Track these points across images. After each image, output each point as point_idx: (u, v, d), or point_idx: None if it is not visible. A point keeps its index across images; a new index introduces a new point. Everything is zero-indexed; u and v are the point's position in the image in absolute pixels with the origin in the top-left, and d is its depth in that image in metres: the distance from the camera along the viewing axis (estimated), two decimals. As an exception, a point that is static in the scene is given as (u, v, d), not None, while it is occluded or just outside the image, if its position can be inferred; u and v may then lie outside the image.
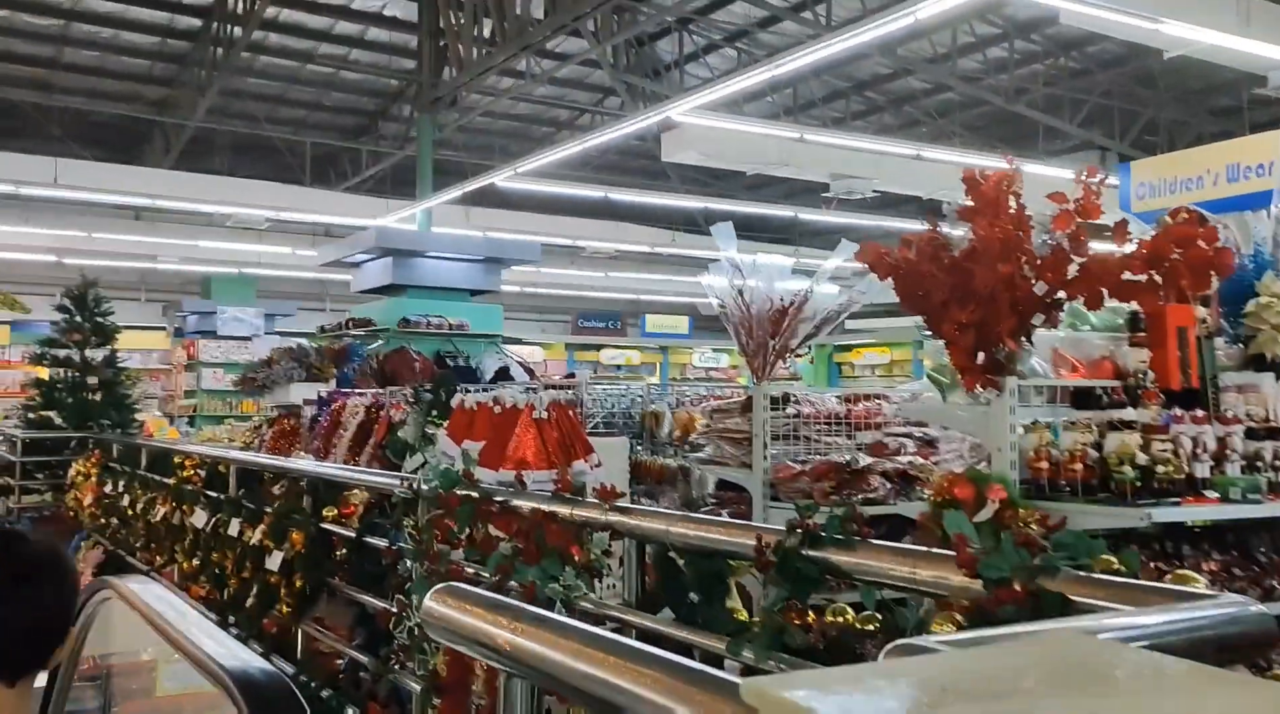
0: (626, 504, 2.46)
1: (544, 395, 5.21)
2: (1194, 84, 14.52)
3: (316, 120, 17.64)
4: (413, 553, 3.13)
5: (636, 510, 2.38)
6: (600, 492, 2.45)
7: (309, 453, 8.40)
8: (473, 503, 3.05)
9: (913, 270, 2.87)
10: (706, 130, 10.19)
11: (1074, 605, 1.34)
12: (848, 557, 1.79)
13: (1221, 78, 14.27)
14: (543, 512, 2.65)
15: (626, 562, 2.39)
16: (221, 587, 5.02)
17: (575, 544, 2.56)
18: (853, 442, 4.53)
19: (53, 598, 1.63)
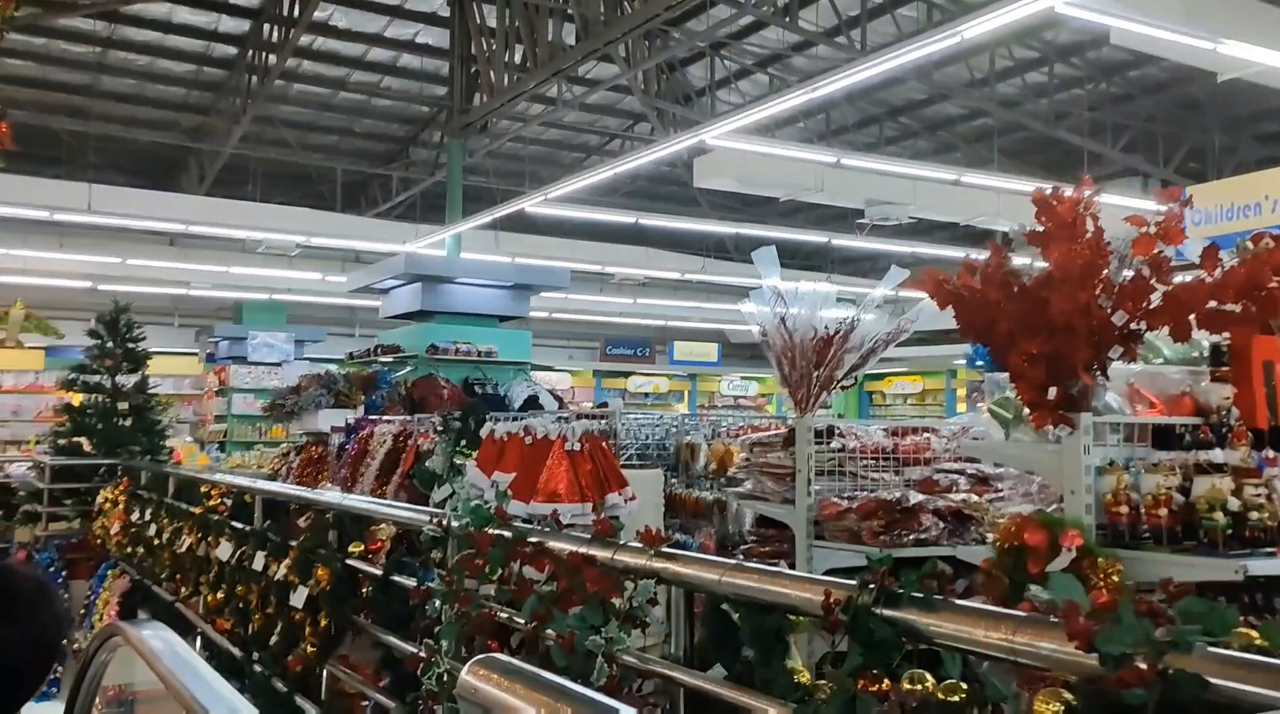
0: (672, 549, 2.28)
1: (576, 426, 5.03)
2: (1240, 110, 14.24)
3: (348, 147, 17.71)
4: (442, 593, 2.96)
5: (685, 557, 2.20)
6: (645, 535, 2.27)
7: (335, 481, 8.29)
8: (505, 544, 2.88)
9: (978, 298, 2.68)
10: (740, 155, 10.06)
11: (1214, 689, 1.15)
12: (931, 619, 1.60)
13: (1268, 103, 13.99)
14: (581, 555, 2.48)
15: (674, 612, 2.21)
16: (245, 621, 4.87)
17: (616, 590, 2.38)
18: (900, 478, 4.32)
19: (19, 638, 1.47)
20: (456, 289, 11.14)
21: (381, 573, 3.54)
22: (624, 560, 2.34)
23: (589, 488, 4.94)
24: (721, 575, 2.02)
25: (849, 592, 1.70)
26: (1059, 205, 2.52)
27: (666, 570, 2.19)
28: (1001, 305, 2.64)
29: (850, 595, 1.69)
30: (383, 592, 3.54)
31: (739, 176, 10.01)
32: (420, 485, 6.97)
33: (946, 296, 2.87)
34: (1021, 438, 3.04)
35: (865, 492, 4.21)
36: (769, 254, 4.21)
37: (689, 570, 2.12)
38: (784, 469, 4.25)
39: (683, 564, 2.17)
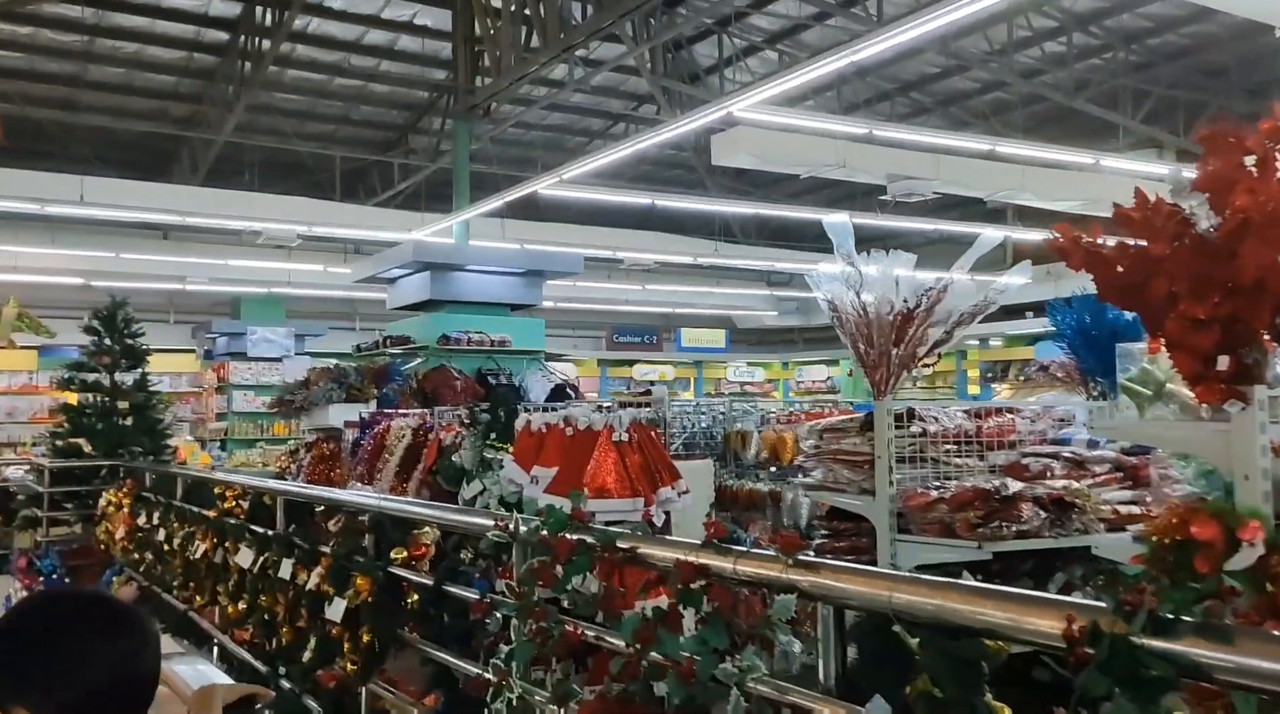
0: (814, 557, 1.92)
1: (623, 415, 4.67)
2: (1262, 75, 13.88)
3: (345, 135, 17.27)
4: (513, 608, 2.60)
5: (836, 568, 1.84)
6: (782, 540, 1.91)
7: (353, 479, 7.92)
8: (589, 550, 2.52)
9: (1132, 255, 2.32)
10: (759, 133, 9.68)
11: None
12: (1220, 651, 1.24)
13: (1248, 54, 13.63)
14: (692, 565, 2.12)
15: (822, 633, 1.85)
16: (271, 634, 4.51)
17: (749, 608, 2.02)
18: (984, 463, 3.97)
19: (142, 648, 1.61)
20: (467, 277, 10.76)
21: (433, 582, 3.17)
22: (750, 571, 1.98)
23: (639, 481, 4.58)
24: (892, 591, 1.66)
25: (1101, 618, 1.34)
26: (1242, 140, 2.15)
27: (811, 584, 1.83)
28: (1165, 262, 2.28)
29: (1103, 621, 1.33)
30: (435, 603, 3.18)
31: (758, 153, 9.63)
32: (445, 482, 6.63)
33: (1084, 256, 2.51)
34: (1165, 416, 2.69)
35: (948, 479, 3.87)
36: (843, 224, 3.85)
37: (845, 584, 1.76)
38: (861, 456, 3.90)
39: (834, 575, 1.81)
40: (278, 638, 4.47)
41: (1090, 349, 4.28)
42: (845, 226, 3.85)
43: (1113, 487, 3.77)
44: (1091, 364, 4.31)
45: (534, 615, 2.55)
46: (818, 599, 1.84)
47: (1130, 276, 2.42)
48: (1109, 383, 4.33)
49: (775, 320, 22.93)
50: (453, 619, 3.13)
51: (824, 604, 1.84)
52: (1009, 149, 9.15)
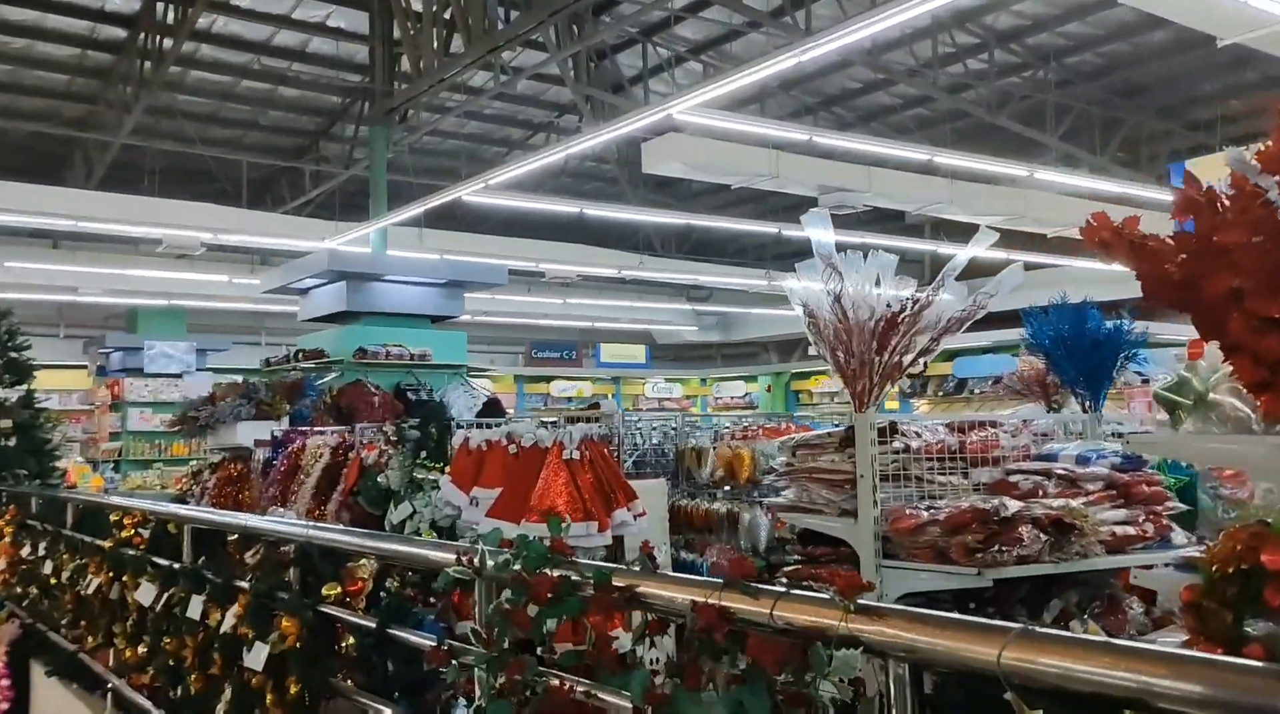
0: (878, 602, 1.58)
1: (574, 431, 4.31)
2: (1172, 99, 14.24)
3: (252, 140, 16.51)
4: (482, 659, 2.20)
5: (915, 617, 1.50)
6: (838, 581, 1.57)
7: (265, 502, 7.36)
8: (571, 587, 2.14)
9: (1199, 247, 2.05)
10: (692, 141, 9.43)
11: None
12: None
13: (1199, 91, 14.03)
14: (713, 610, 1.76)
15: (895, 699, 1.51)
16: (177, 681, 3.99)
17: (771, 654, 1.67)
18: (968, 481, 3.71)
19: None
20: (385, 288, 10.24)
21: (376, 624, 2.74)
22: (796, 619, 1.63)
23: (593, 502, 4.22)
24: (1004, 648, 1.32)
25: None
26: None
27: (881, 636, 1.49)
28: (1235, 253, 2.02)
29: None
30: (379, 649, 2.75)
31: (691, 162, 9.37)
32: (368, 504, 6.14)
33: (1129, 248, 2.24)
34: (1210, 429, 2.44)
35: (933, 499, 3.59)
36: (821, 217, 3.56)
37: (933, 638, 1.42)
38: (840, 475, 3.59)
39: (914, 626, 1.47)
40: (185, 685, 3.95)
41: (1071, 359, 4.07)
42: (825, 223, 3.56)
43: (1105, 505, 3.55)
44: (1072, 375, 4.11)
45: (510, 668, 2.15)
46: (889, 656, 1.50)
47: (1188, 270, 2.15)
48: (1091, 394, 4.14)
49: (695, 336, 22.75)
50: (399, 667, 2.71)
51: (897, 662, 1.50)
52: (946, 160, 9.08)
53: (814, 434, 3.78)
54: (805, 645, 1.69)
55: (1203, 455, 2.62)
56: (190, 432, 9.08)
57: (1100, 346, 4.06)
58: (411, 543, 2.91)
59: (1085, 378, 4.08)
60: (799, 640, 1.65)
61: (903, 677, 1.50)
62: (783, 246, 18.89)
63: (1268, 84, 13.60)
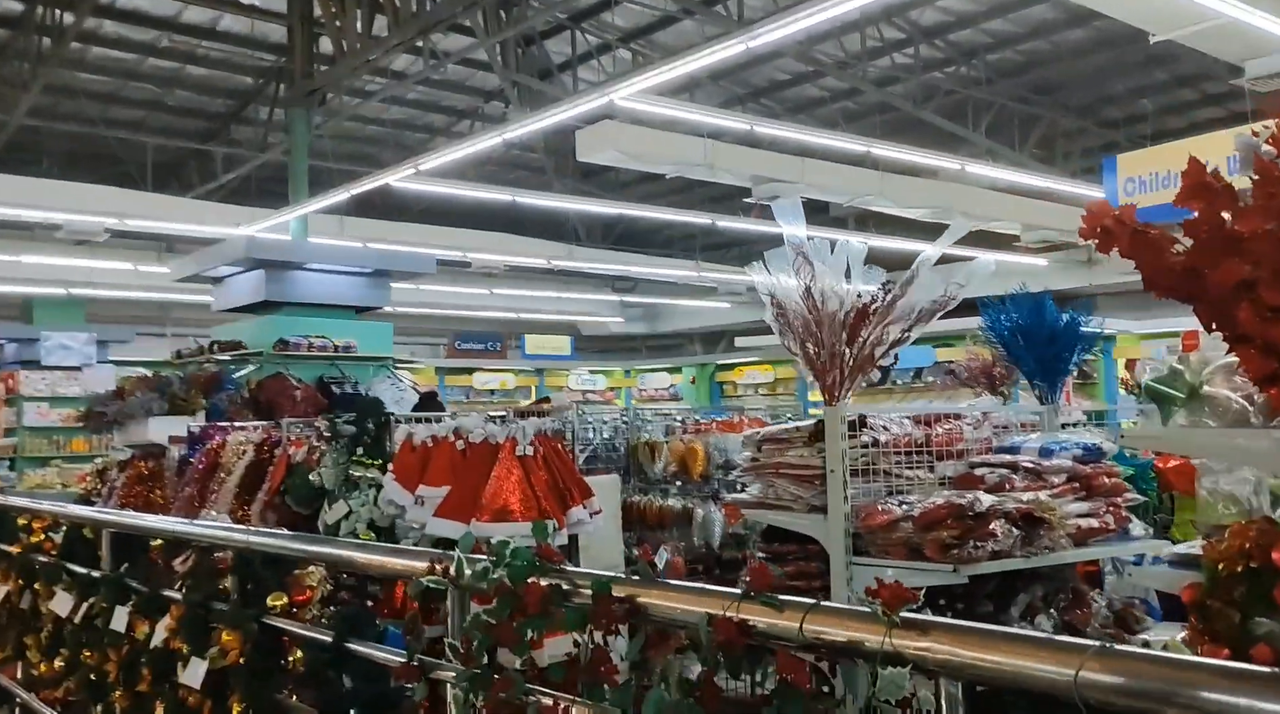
0: (929, 616, 1.46)
1: (527, 426, 4.13)
2: (1085, 98, 14.58)
3: (158, 122, 15.78)
4: (465, 677, 2.03)
5: (969, 631, 1.38)
6: (884, 592, 1.44)
7: (180, 502, 7.00)
8: (562, 597, 1.98)
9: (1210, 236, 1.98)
10: (628, 129, 9.28)
11: None
12: None
13: (1112, 90, 14.39)
14: (733, 624, 1.62)
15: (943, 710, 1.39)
16: (98, 698, 3.70)
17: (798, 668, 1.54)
18: (934, 475, 3.65)
19: None
20: (307, 277, 9.85)
21: (333, 638, 2.53)
22: (830, 634, 1.50)
23: (547, 500, 4.05)
24: (1080, 668, 1.21)
25: None
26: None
27: (931, 653, 1.37)
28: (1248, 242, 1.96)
29: None
30: (336, 665, 2.54)
31: (626, 150, 9.21)
32: (296, 504, 5.86)
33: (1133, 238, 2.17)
34: (1204, 422, 2.39)
35: (900, 493, 3.52)
36: (793, 205, 3.45)
37: (1002, 659, 1.30)
38: (810, 470, 3.49)
39: (969, 642, 1.35)
40: (107, 705, 3.67)
41: (1029, 350, 4.05)
42: (796, 210, 3.45)
43: (1068, 498, 3.52)
44: (1031, 366, 4.08)
45: (497, 686, 1.99)
46: (941, 674, 1.38)
47: (1195, 259, 2.08)
48: (1048, 385, 4.12)
49: (621, 327, 22.61)
50: (360, 685, 2.51)
51: (949, 680, 1.38)
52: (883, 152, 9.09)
53: (781, 428, 3.68)
54: (833, 663, 1.57)
55: (1202, 449, 2.57)
56: (97, 427, 8.62)
57: (1056, 338, 4.05)
58: (375, 549, 2.71)
59: (1042, 369, 4.05)
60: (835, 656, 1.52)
61: (955, 696, 1.38)
62: (711, 237, 18.88)
63: (1178, 83, 14.04)
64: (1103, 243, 2.23)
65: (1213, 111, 14.61)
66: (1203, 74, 13.51)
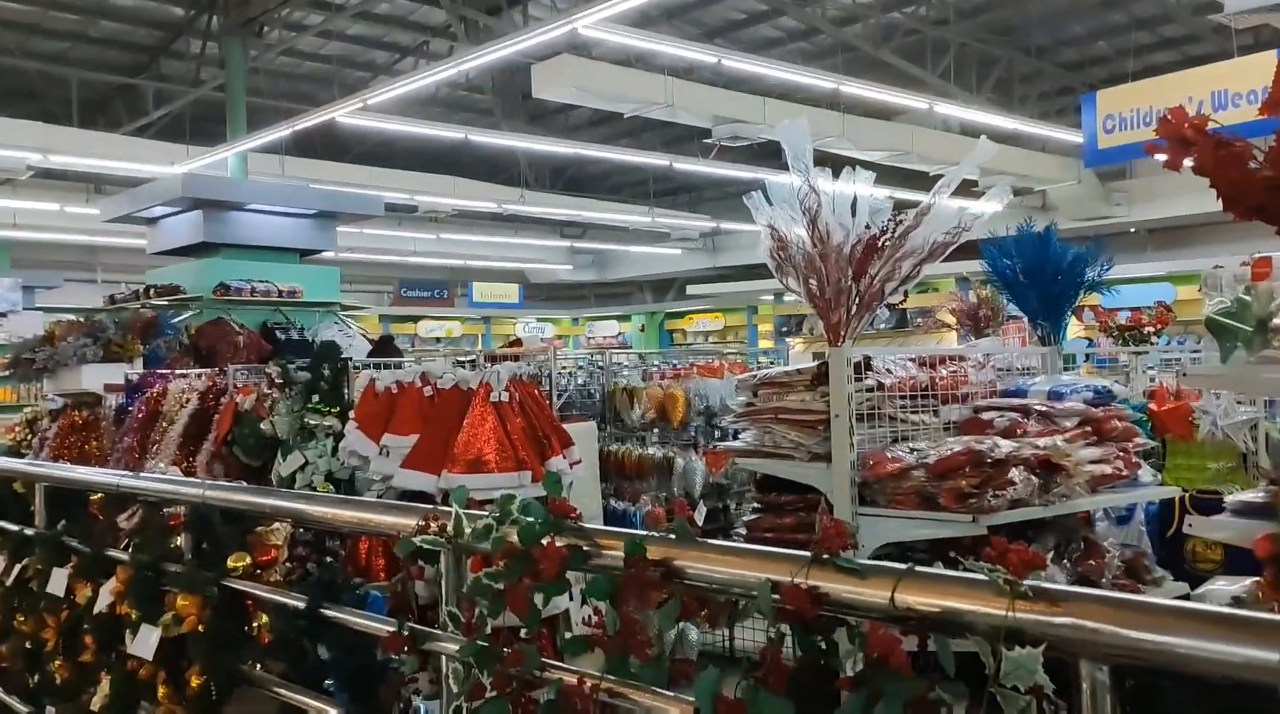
0: (1055, 584, 1.23)
1: (501, 370, 3.85)
2: (1042, 39, 14.43)
3: (82, 55, 14.91)
4: (470, 651, 1.77)
5: (1126, 605, 1.16)
6: (1012, 556, 1.21)
7: (119, 454, 6.60)
8: (582, 559, 1.73)
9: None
10: (586, 64, 8.89)
11: None
12: None
13: (1069, 33, 14.26)
14: (805, 594, 1.38)
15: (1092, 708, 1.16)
16: (35, 667, 3.38)
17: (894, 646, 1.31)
18: (939, 420, 3.46)
19: None
20: (248, 218, 9.35)
21: (307, 602, 2.25)
22: (934, 604, 1.27)
23: (525, 449, 3.78)
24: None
25: None
26: None
27: (1075, 630, 1.14)
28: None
29: None
30: (311, 633, 2.27)
31: (584, 86, 8.82)
32: (245, 454, 5.52)
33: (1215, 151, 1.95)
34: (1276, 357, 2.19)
35: (905, 440, 3.32)
36: (798, 128, 3.18)
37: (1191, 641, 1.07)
38: (812, 415, 3.27)
39: (1129, 616, 1.12)
40: (44, 675, 3.36)
41: (1034, 288, 3.85)
42: (802, 132, 3.18)
43: (1079, 443, 3.35)
44: (1034, 305, 3.89)
45: (507, 660, 1.73)
46: (1085, 657, 1.15)
47: None
48: (1051, 326, 3.94)
49: (570, 275, 22.21)
50: (338, 656, 2.24)
51: (1095, 663, 1.15)
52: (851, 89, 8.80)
53: (781, 371, 3.44)
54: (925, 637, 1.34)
55: (1269, 387, 2.38)
56: (25, 375, 8.11)
57: (1061, 277, 3.86)
58: (358, 505, 2.41)
59: (1045, 309, 3.87)
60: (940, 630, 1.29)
61: (1102, 683, 1.15)
62: (663, 183, 18.52)
63: (1134, 25, 13.94)
64: (1176, 155, 2.00)
65: (1168, 55, 14.57)
66: (1160, 17, 13.44)
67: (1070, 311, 3.89)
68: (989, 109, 11.80)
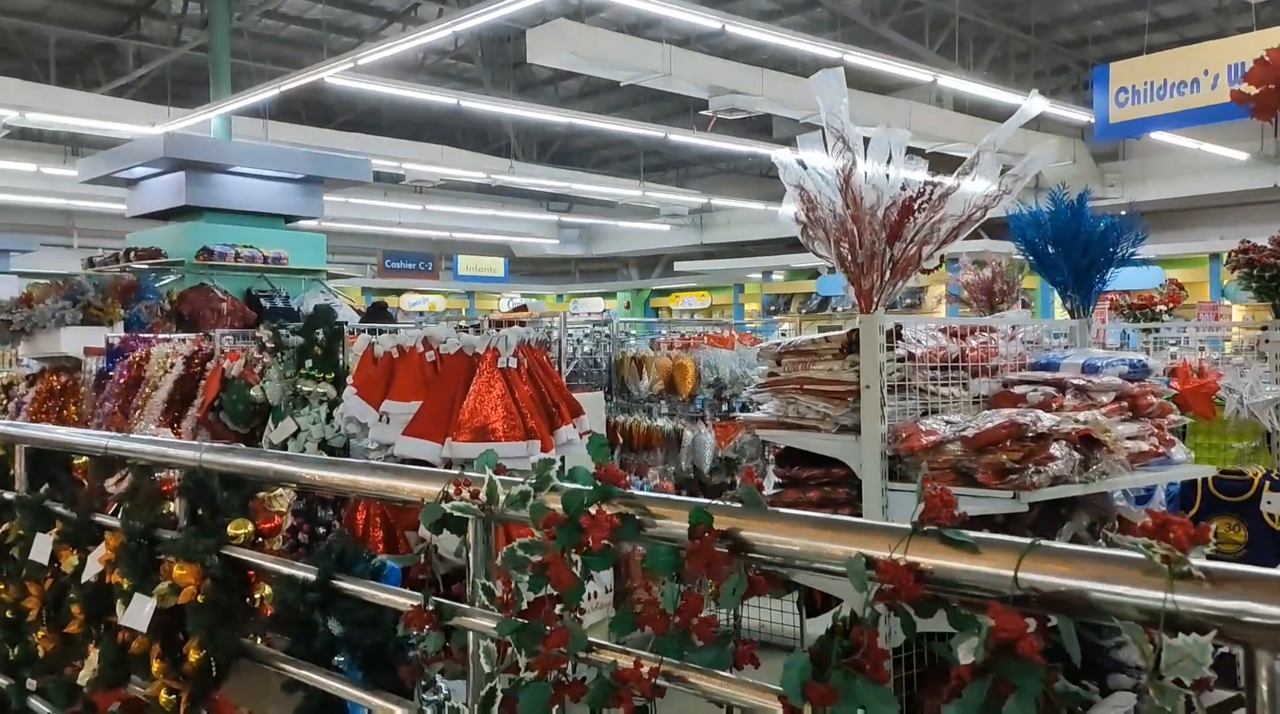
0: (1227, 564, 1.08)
1: (509, 335, 3.69)
2: (1040, 17, 14.29)
3: (60, 13, 14.50)
4: (509, 628, 1.61)
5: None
6: (1179, 531, 1.06)
7: (100, 419, 6.41)
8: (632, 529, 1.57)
9: None
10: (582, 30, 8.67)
11: None
12: None
13: (1068, 10, 14.12)
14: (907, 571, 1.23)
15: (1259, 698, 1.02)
16: (15, 640, 3.21)
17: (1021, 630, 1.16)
18: (969, 393, 3.31)
19: None
20: (233, 181, 9.10)
21: (317, 575, 2.09)
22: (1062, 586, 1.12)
23: (534, 418, 3.61)
24: None
25: None
26: None
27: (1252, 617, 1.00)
28: None
29: None
30: (323, 606, 2.10)
31: (580, 52, 8.58)
32: (232, 421, 5.34)
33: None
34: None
35: (934, 412, 3.18)
36: (833, 77, 3.02)
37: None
38: (841, 385, 3.11)
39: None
40: (24, 644, 3.18)
41: (1065, 258, 3.71)
42: (838, 84, 3.02)
43: (1116, 419, 3.22)
44: (1064, 277, 3.75)
45: (549, 639, 1.58)
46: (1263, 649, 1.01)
47: None
48: (1081, 298, 3.80)
49: (556, 249, 21.96)
50: (351, 631, 2.08)
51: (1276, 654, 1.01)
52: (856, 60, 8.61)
53: (807, 338, 3.28)
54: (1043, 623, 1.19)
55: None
56: (2, 338, 7.86)
57: (1092, 247, 3.72)
58: (378, 470, 2.24)
59: (1076, 280, 3.73)
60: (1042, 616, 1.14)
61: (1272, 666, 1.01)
62: (651, 158, 18.29)
63: (1132, 5, 13.82)
64: (1267, 103, 1.87)
65: (1163, 36, 14.46)
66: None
67: (1101, 284, 3.75)
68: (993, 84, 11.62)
